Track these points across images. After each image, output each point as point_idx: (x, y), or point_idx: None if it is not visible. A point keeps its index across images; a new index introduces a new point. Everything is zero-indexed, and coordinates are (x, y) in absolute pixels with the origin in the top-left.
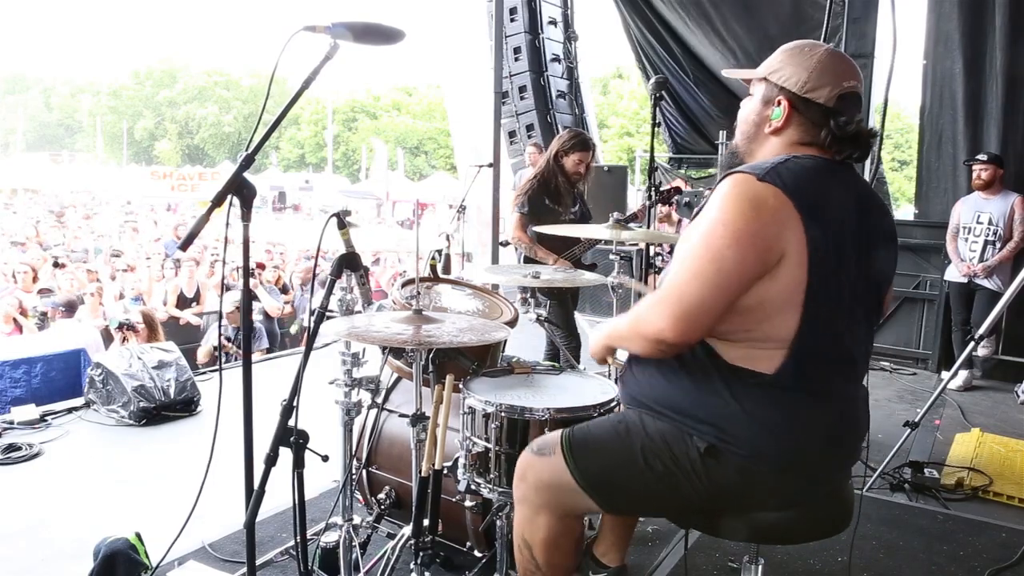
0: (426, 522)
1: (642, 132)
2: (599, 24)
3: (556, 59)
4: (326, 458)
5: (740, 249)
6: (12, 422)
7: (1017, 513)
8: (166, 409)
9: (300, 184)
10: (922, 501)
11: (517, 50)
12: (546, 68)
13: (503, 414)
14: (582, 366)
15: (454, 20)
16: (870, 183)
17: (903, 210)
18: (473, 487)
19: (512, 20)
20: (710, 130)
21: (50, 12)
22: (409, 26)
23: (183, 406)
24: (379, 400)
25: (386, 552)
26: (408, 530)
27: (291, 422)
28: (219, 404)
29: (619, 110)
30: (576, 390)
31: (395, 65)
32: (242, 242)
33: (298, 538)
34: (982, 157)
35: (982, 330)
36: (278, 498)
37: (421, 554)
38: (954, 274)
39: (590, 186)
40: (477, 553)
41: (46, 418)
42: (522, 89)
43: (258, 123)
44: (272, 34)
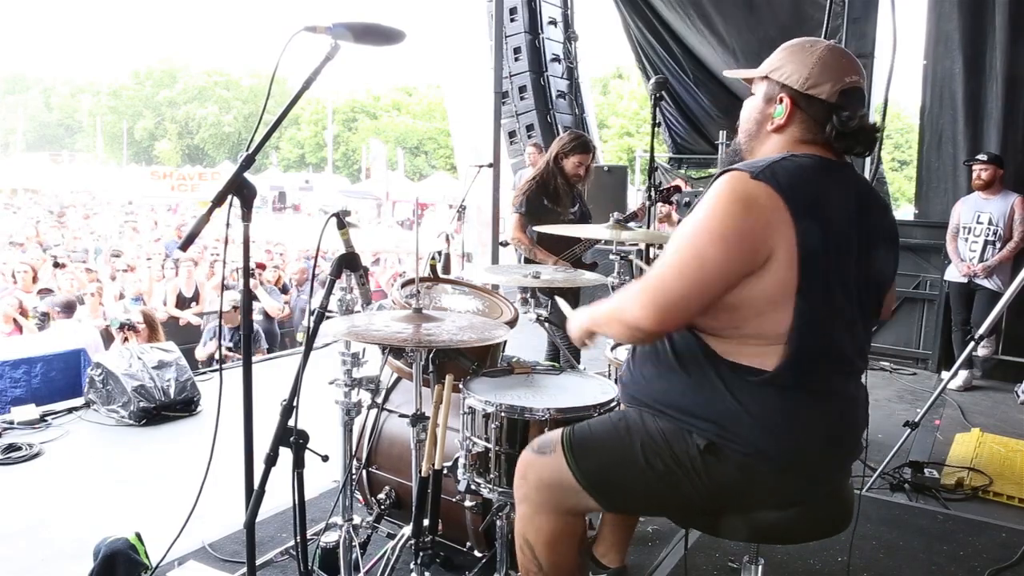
0: (426, 522)
1: (642, 132)
2: (599, 24)
3: (556, 59)
4: (326, 458)
5: (725, 247)
6: (12, 422)
7: (1017, 513)
8: (166, 409)
9: (300, 184)
10: (922, 501)
11: (517, 50)
12: (546, 68)
13: (503, 414)
14: (582, 366)
15: (454, 20)
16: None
17: (903, 210)
18: (473, 487)
19: (512, 20)
20: (710, 130)
21: (50, 12)
22: (409, 26)
23: (183, 406)
24: (379, 400)
25: (386, 552)
26: (408, 530)
27: (291, 422)
28: (219, 404)
29: (619, 110)
30: (576, 390)
31: (395, 65)
32: (242, 242)
33: (298, 538)
34: (982, 157)
35: (982, 330)
36: (278, 498)
37: (421, 554)
38: (954, 274)
39: (590, 186)
40: (477, 553)
41: (46, 418)
42: (522, 89)
43: (258, 123)
44: (272, 34)
